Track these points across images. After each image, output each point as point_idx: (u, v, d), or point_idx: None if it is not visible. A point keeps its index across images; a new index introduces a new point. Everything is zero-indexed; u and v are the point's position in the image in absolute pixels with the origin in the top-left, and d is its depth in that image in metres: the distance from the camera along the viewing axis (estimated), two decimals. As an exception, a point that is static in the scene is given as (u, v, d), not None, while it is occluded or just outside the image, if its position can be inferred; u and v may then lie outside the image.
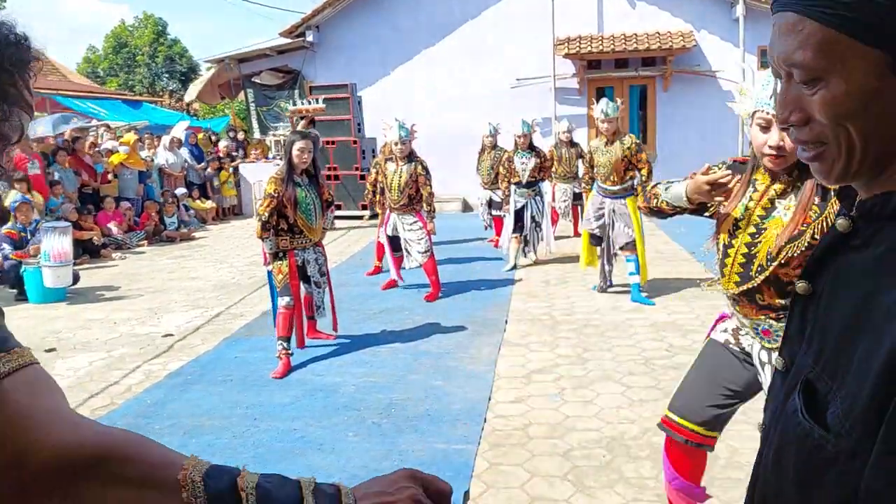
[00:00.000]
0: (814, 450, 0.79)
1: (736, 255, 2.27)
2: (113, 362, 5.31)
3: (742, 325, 2.39)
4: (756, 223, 2.23)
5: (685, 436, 2.44)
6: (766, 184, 2.25)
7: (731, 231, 2.29)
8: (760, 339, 2.31)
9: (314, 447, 3.70)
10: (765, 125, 2.16)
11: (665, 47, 13.21)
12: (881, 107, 0.75)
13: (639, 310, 6.17)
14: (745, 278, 2.25)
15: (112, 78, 36.68)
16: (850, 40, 0.74)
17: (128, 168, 11.97)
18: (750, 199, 2.27)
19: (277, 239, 4.89)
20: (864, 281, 0.77)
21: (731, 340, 2.44)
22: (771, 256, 2.18)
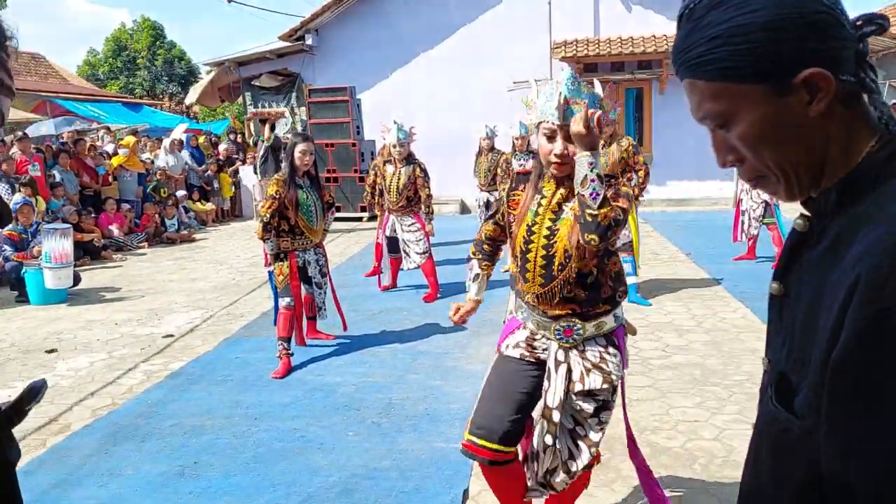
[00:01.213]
0: (782, 433, 0.86)
1: (536, 258, 2.39)
2: (114, 363, 5.34)
3: (538, 330, 2.47)
4: (549, 226, 2.38)
5: (488, 456, 2.44)
6: (552, 190, 2.40)
7: (527, 238, 2.41)
8: (559, 339, 2.41)
9: (314, 446, 3.74)
10: (550, 135, 2.31)
11: (661, 50, 13.27)
12: (783, 128, 0.86)
13: (636, 310, 6.21)
14: (549, 278, 2.37)
15: (112, 81, 36.73)
16: (733, 85, 0.86)
17: (127, 170, 12.00)
18: (539, 206, 2.41)
19: (279, 240, 4.93)
20: (818, 274, 0.83)
21: (525, 354, 2.50)
22: (568, 253, 2.33)
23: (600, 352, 2.42)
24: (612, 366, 2.41)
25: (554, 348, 2.44)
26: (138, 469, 3.55)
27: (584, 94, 2.30)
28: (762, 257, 7.98)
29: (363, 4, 14.62)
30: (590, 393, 2.39)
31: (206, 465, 3.57)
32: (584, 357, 2.40)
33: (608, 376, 2.39)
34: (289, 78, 15.65)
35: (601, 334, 2.43)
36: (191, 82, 33.96)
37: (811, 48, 0.83)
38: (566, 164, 2.30)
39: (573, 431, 2.43)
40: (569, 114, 2.25)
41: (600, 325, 2.42)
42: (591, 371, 2.39)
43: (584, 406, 2.40)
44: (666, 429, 3.78)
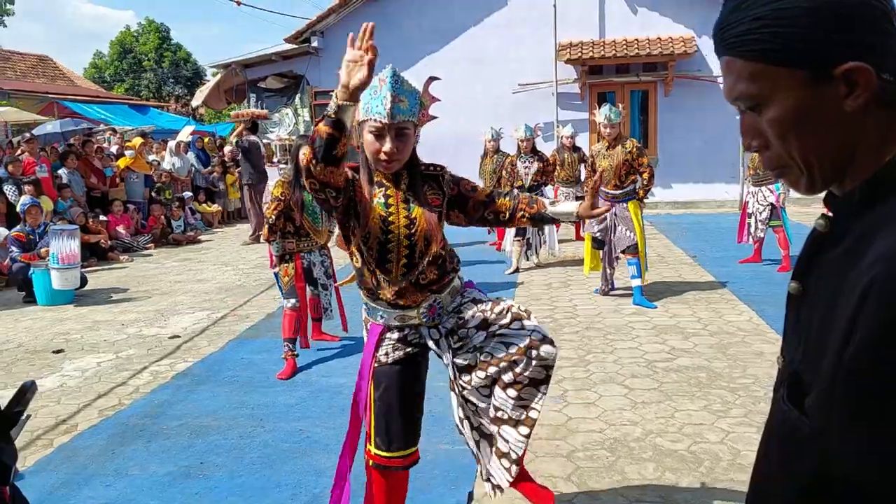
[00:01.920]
0: (793, 431, 0.86)
1: (398, 249, 2.40)
2: (120, 363, 5.36)
3: (404, 324, 2.51)
4: (406, 215, 2.41)
5: (401, 463, 2.54)
6: (393, 185, 2.43)
7: (385, 229, 2.39)
8: (427, 321, 2.50)
9: (320, 447, 3.75)
10: (378, 133, 2.30)
11: (666, 52, 13.26)
12: (815, 118, 0.84)
13: (641, 313, 6.21)
14: (412, 266, 2.42)
15: (119, 83, 36.86)
16: (772, 67, 0.85)
17: (134, 172, 12.05)
18: (388, 198, 2.41)
19: (284, 241, 4.94)
20: (836, 274, 0.83)
21: (408, 350, 2.54)
22: (427, 239, 2.41)
23: (460, 302, 2.56)
24: (474, 294, 2.59)
25: (426, 332, 2.51)
26: (145, 469, 3.57)
27: (406, 91, 2.32)
28: (768, 260, 7.97)
29: (369, 7, 14.65)
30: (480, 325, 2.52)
31: (212, 466, 3.58)
32: (460, 316, 2.53)
33: (481, 303, 2.54)
34: (294, 80, 15.69)
35: (456, 295, 2.58)
36: (196, 84, 34.08)
37: (855, 40, 0.81)
38: (394, 161, 2.32)
39: (496, 382, 2.54)
40: (396, 111, 2.26)
41: (453, 290, 2.55)
42: (473, 318, 2.53)
43: (476, 341, 2.52)
44: (671, 431, 3.78)
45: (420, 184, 2.46)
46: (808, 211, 12.24)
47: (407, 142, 2.34)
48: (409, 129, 2.33)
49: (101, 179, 11.42)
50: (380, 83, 2.30)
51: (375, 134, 2.30)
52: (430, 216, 2.43)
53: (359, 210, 2.39)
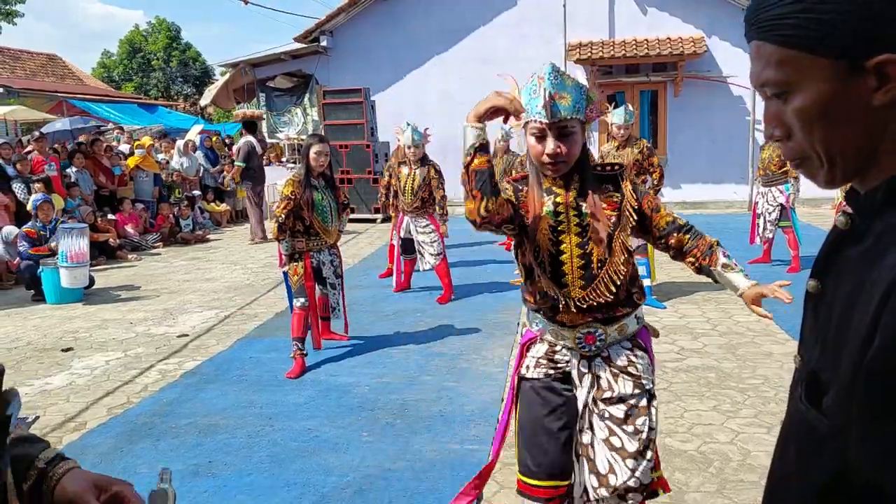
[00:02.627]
0: (810, 430, 0.86)
1: (572, 259, 2.23)
2: (129, 362, 5.38)
3: (557, 341, 2.31)
4: (577, 223, 2.23)
5: (545, 494, 2.31)
6: (563, 189, 2.25)
7: (555, 240, 2.24)
8: (581, 347, 2.26)
9: (328, 447, 3.75)
10: (539, 134, 2.17)
11: (676, 53, 13.21)
12: (842, 110, 0.82)
13: (650, 313, 6.16)
14: (589, 278, 2.22)
15: (127, 82, 37.01)
16: (803, 55, 0.83)
17: (143, 170, 12.09)
18: (557, 205, 2.24)
19: (293, 240, 4.94)
20: (856, 273, 0.82)
21: (549, 372, 2.32)
22: (605, 247, 2.21)
23: (627, 355, 2.28)
24: (640, 368, 2.27)
25: (576, 360, 2.29)
26: (153, 468, 3.57)
27: (568, 87, 2.15)
28: (777, 260, 7.92)
29: (378, 6, 14.66)
30: (619, 398, 2.24)
31: (221, 465, 3.58)
32: (612, 363, 2.27)
33: (638, 380, 2.25)
34: (303, 79, 15.72)
35: (625, 338, 2.30)
36: (205, 83, 34.19)
37: (891, 32, 0.79)
38: (560, 163, 2.17)
39: (608, 441, 2.24)
40: (556, 110, 2.12)
41: (623, 329, 2.29)
42: (619, 376, 2.26)
43: (612, 412, 2.23)
44: (681, 432, 3.76)
45: (594, 186, 2.25)
46: (817, 212, 12.17)
47: (573, 141, 2.16)
48: (573, 127, 2.15)
49: (110, 178, 11.47)
50: (538, 81, 2.15)
51: (537, 136, 2.17)
52: (605, 222, 2.21)
53: (525, 224, 2.26)
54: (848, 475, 0.80)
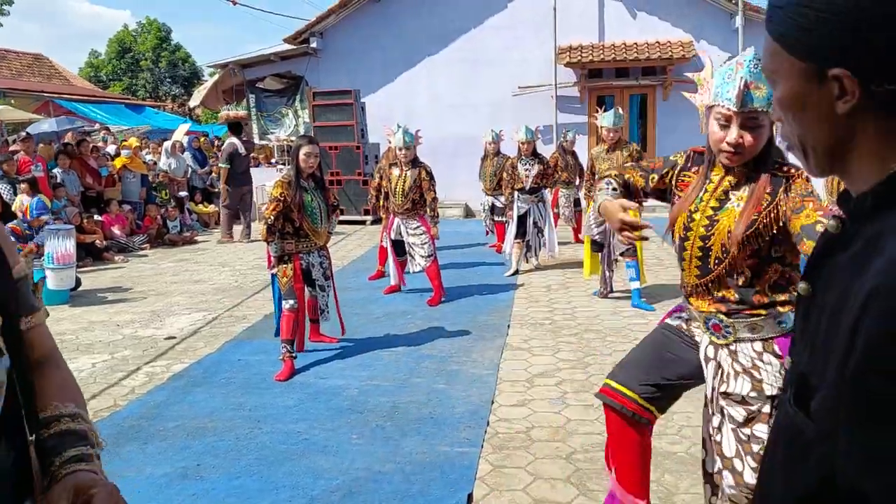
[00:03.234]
0: (797, 435, 0.86)
1: (692, 248, 2.27)
2: (116, 364, 5.33)
3: (694, 318, 2.37)
4: (709, 215, 2.23)
5: (623, 403, 2.38)
6: (720, 175, 2.25)
7: (686, 224, 2.28)
8: (710, 333, 2.29)
9: (317, 449, 3.72)
10: (724, 122, 2.12)
11: (665, 57, 13.29)
12: (812, 110, 0.86)
13: (639, 315, 6.20)
14: (705, 270, 2.25)
15: (115, 82, 36.80)
16: (784, 53, 0.87)
17: (130, 171, 12.01)
18: (704, 191, 2.27)
19: (283, 242, 4.92)
20: (844, 278, 0.82)
21: (683, 326, 2.42)
22: (725, 247, 2.18)
23: (753, 358, 2.21)
24: (765, 374, 2.18)
25: (706, 341, 2.30)
26: (141, 471, 3.54)
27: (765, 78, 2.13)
28: (766, 264, 7.97)
29: (368, 8, 14.65)
30: (741, 399, 2.19)
31: (209, 468, 3.55)
32: (735, 359, 2.23)
33: (759, 384, 2.17)
34: (293, 81, 15.68)
35: (757, 338, 2.22)
36: (194, 84, 34.07)
37: (857, 45, 0.80)
38: (739, 154, 2.11)
39: (735, 432, 2.22)
40: (748, 100, 2.05)
41: (755, 328, 2.22)
42: (739, 375, 2.20)
43: (731, 412, 2.20)
44: (670, 434, 3.77)
45: (758, 185, 2.17)
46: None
47: (759, 134, 2.10)
48: (762, 120, 2.09)
49: (97, 179, 11.38)
50: (737, 66, 2.09)
51: (721, 122, 2.12)
52: (745, 222, 2.14)
53: (673, 202, 2.39)
54: (834, 480, 0.80)
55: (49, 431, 1.11)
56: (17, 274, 1.14)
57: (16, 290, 1.13)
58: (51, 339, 1.26)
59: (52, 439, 1.11)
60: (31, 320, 1.19)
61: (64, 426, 1.13)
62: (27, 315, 1.18)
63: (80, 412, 1.18)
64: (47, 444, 1.10)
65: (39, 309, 1.22)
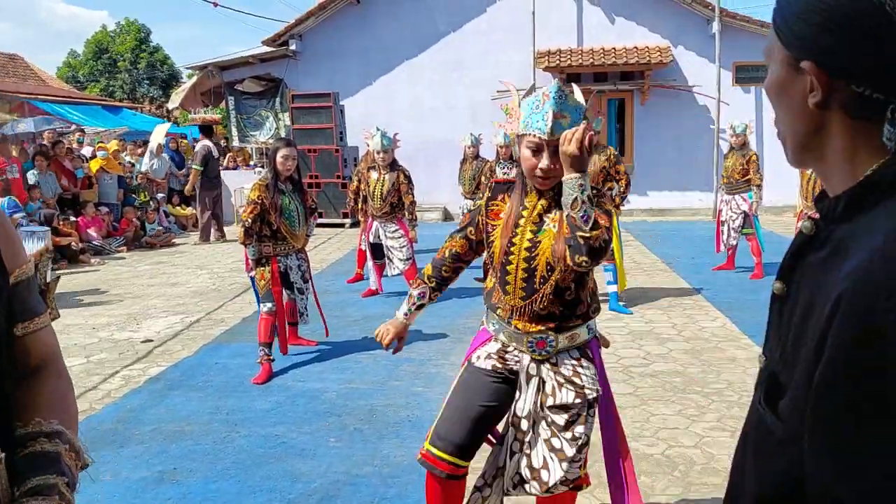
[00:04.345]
0: (767, 435, 0.87)
1: (516, 271, 2.32)
2: (92, 367, 5.28)
3: (510, 342, 2.40)
4: (530, 237, 2.31)
5: (446, 469, 2.39)
6: (533, 201, 2.34)
7: (507, 249, 2.34)
8: (532, 350, 2.35)
9: (295, 453, 3.72)
10: (535, 149, 2.23)
11: (643, 62, 13.41)
12: (790, 99, 0.88)
13: (617, 318, 6.25)
14: (531, 291, 2.31)
15: (93, 84, 36.39)
16: (775, 36, 0.89)
17: (107, 173, 11.89)
18: (520, 217, 2.35)
19: (260, 245, 4.90)
20: (816, 278, 0.84)
21: (497, 365, 2.41)
22: (550, 266, 2.28)
23: (573, 365, 2.36)
24: (585, 379, 2.35)
25: (526, 361, 2.38)
26: (117, 475, 3.51)
27: (570, 107, 2.22)
28: (741, 267, 8.07)
29: (348, 11, 14.64)
30: (562, 406, 2.33)
31: (186, 471, 3.54)
32: (557, 371, 2.35)
33: (581, 391, 2.33)
34: (272, 83, 15.62)
35: (575, 346, 2.38)
36: (172, 87, 33.79)
37: (826, 41, 0.82)
38: (550, 178, 2.25)
39: (548, 442, 2.36)
40: (556, 128, 2.17)
41: (573, 337, 2.37)
42: (563, 385, 2.34)
43: (555, 418, 2.34)
44: (646, 436, 3.81)
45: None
46: (780, 219, 12.43)
47: None
48: None
49: (72, 181, 11.26)
50: (543, 98, 2.21)
51: (533, 149, 2.23)
52: (560, 242, 2.24)
53: (483, 236, 2.45)
54: (802, 479, 0.80)
55: (23, 451, 1.06)
56: (16, 278, 1.10)
57: (12, 296, 1.10)
58: (52, 345, 1.20)
59: (22, 462, 1.06)
60: (30, 326, 1.14)
61: (38, 447, 1.08)
62: (26, 320, 1.13)
63: (61, 430, 1.12)
64: (17, 468, 1.05)
65: (42, 313, 1.17)
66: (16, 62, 24.36)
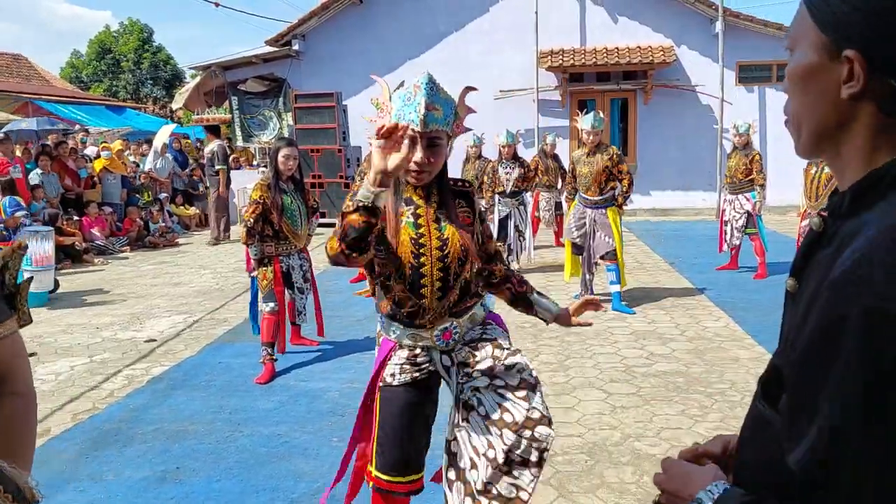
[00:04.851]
0: (765, 426, 0.88)
1: (432, 271, 2.25)
2: (95, 367, 5.29)
3: (416, 343, 2.33)
4: (438, 236, 2.26)
5: (396, 488, 2.35)
6: (423, 200, 2.28)
7: (416, 252, 2.23)
8: (441, 344, 2.32)
9: (298, 452, 3.72)
10: (409, 142, 2.08)
11: (646, 61, 13.39)
12: (818, 86, 0.85)
13: (619, 318, 6.24)
14: (446, 288, 2.27)
15: (96, 84, 36.47)
16: (809, 19, 0.85)
17: (111, 173, 11.91)
18: (418, 217, 2.26)
19: (262, 245, 4.91)
20: (819, 274, 0.83)
21: (415, 375, 2.34)
22: (461, 260, 2.26)
23: (479, 332, 2.38)
24: (494, 334, 2.37)
25: (437, 356, 2.35)
26: (119, 474, 3.52)
27: (442, 99, 2.17)
28: (744, 267, 8.05)
29: (350, 11, 14.64)
30: (483, 359, 2.29)
31: (189, 471, 3.54)
32: (469, 346, 2.34)
33: (495, 341, 2.34)
34: (276, 83, 15.63)
35: (476, 324, 2.40)
36: (175, 87, 33.85)
37: (875, 32, 0.79)
38: (425, 172, 2.19)
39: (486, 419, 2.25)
40: (429, 120, 2.11)
41: (473, 318, 2.38)
42: (476, 346, 2.33)
43: (481, 369, 2.28)
44: (649, 436, 3.80)
45: (451, 200, 2.31)
46: (783, 219, 12.40)
47: (439, 153, 2.20)
48: (441, 139, 2.19)
49: (76, 181, 11.28)
50: (414, 90, 2.15)
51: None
52: (464, 235, 2.27)
53: (385, 236, 2.22)
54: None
55: None
56: None
57: None
58: (13, 355, 1.09)
59: None
60: None
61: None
62: None
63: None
64: None
65: (4, 320, 1.04)
66: (20, 62, 24.42)
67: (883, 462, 0.72)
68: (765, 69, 13.78)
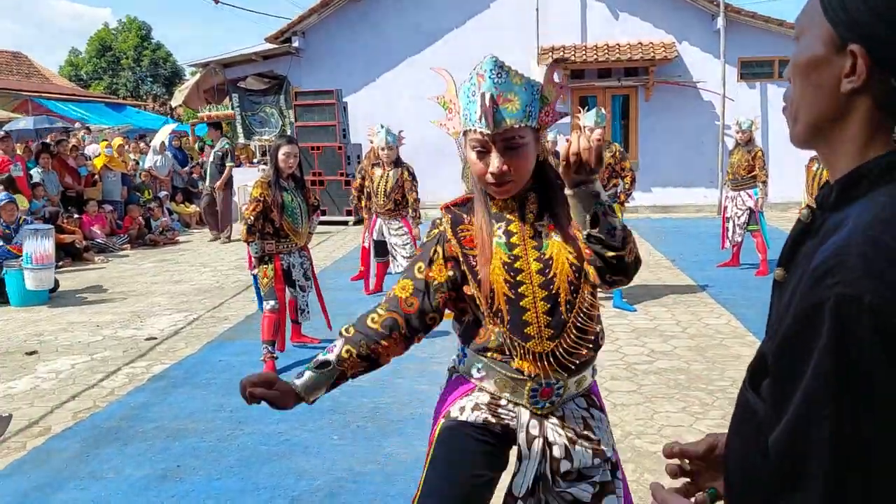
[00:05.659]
0: (751, 414, 0.89)
1: (535, 302, 1.72)
2: (95, 365, 5.28)
3: (502, 392, 1.79)
4: (538, 256, 1.74)
5: None
6: (515, 214, 1.78)
7: (512, 279, 1.72)
8: (534, 402, 1.76)
9: (299, 450, 3.72)
10: (481, 148, 1.69)
11: (647, 58, 13.37)
12: (819, 77, 0.86)
13: (620, 315, 6.23)
14: (559, 324, 1.73)
15: (96, 82, 36.45)
16: (819, 10, 0.86)
17: (111, 171, 11.91)
18: (510, 235, 1.76)
19: (263, 243, 4.90)
20: (803, 265, 0.85)
21: (489, 419, 1.78)
22: (574, 285, 1.73)
23: (583, 417, 1.81)
24: (600, 433, 1.81)
25: (525, 417, 1.77)
26: (120, 472, 3.51)
27: (515, 86, 1.70)
28: (746, 264, 8.04)
29: (350, 7, 14.61)
30: (581, 475, 1.75)
31: (190, 469, 3.54)
32: (566, 426, 1.77)
33: (598, 446, 1.78)
34: (276, 80, 15.61)
35: (581, 393, 1.84)
36: (175, 84, 33.81)
37: (881, 30, 0.80)
38: (508, 182, 1.70)
39: None
40: (499, 117, 1.65)
41: (581, 381, 1.82)
42: (576, 443, 1.76)
43: (577, 494, 1.75)
44: (650, 433, 3.80)
45: (561, 206, 1.74)
46: (786, 215, 12.38)
47: (522, 155, 1.69)
48: (523, 137, 1.68)
49: (76, 179, 11.28)
50: (478, 79, 1.70)
51: (479, 150, 1.70)
52: (573, 250, 1.73)
53: (465, 269, 1.76)
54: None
55: None
56: None
57: None
58: None
59: None
60: None
61: None
62: None
63: None
64: None
65: None
66: (20, 60, 24.40)
67: (852, 446, 0.73)
68: (766, 65, 13.76)
